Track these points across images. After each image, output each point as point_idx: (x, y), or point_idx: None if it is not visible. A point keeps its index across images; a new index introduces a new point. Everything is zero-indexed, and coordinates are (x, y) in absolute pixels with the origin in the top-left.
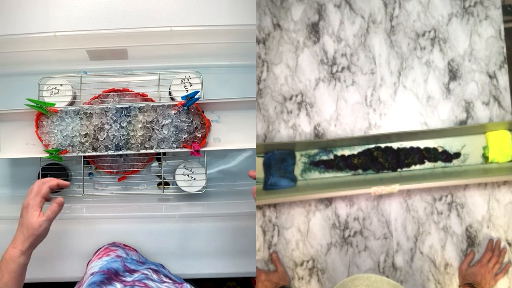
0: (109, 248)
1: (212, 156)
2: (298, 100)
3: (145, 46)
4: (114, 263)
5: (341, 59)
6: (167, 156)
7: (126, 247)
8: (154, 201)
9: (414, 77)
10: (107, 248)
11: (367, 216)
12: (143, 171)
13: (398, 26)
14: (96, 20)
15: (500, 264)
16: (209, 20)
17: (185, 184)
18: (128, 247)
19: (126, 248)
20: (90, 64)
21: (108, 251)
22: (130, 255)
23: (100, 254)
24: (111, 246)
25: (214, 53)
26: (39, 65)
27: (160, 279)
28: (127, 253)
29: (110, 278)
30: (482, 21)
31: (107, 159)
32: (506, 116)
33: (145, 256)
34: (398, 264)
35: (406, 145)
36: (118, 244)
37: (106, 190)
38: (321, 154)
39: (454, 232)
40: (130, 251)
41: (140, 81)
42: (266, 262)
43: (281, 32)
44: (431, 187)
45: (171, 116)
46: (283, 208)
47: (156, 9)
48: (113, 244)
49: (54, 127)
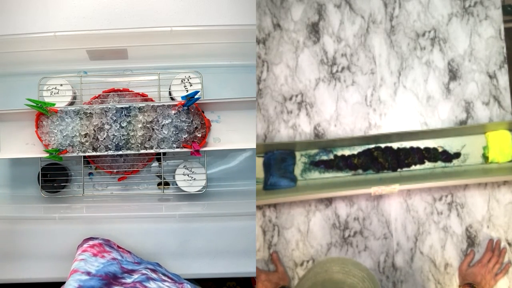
0: (104, 248)
1: (212, 156)
2: (298, 100)
3: (145, 46)
4: (111, 266)
5: (341, 59)
6: (167, 156)
7: (120, 249)
8: (154, 201)
9: (414, 77)
10: (101, 245)
11: (367, 216)
12: (143, 171)
13: (398, 26)
14: (96, 20)
15: (500, 264)
16: (209, 20)
17: (185, 184)
18: (122, 249)
19: (120, 250)
20: (90, 64)
21: (103, 251)
22: (125, 257)
23: (95, 250)
24: (106, 246)
25: (214, 53)
26: (39, 65)
27: (159, 278)
28: (121, 255)
29: (109, 283)
30: (482, 21)
31: (107, 159)
32: (506, 116)
33: (144, 256)
34: (398, 264)
35: (406, 145)
36: (112, 245)
37: (106, 190)
38: (321, 154)
39: (454, 232)
40: (124, 253)
41: (140, 81)
42: (266, 262)
43: (281, 32)
44: (431, 187)
45: (171, 116)
46: (283, 208)
47: (156, 9)
48: (108, 243)
49: (54, 127)
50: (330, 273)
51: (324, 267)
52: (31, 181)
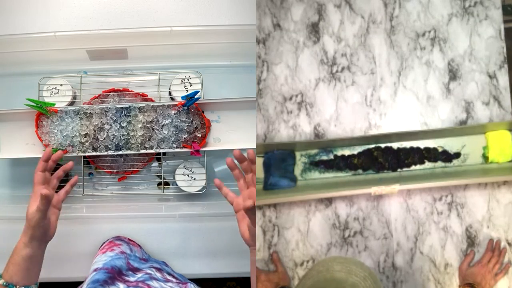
0: (114, 242)
1: (212, 156)
2: (298, 100)
3: (145, 46)
4: (118, 260)
5: (341, 59)
6: (167, 156)
7: (130, 242)
8: (154, 201)
9: (414, 77)
10: (111, 242)
11: (367, 216)
12: (143, 171)
13: (398, 26)
14: (96, 20)
15: (500, 264)
16: (209, 20)
17: (185, 184)
18: (133, 242)
19: (130, 244)
20: (90, 64)
21: (113, 245)
22: (134, 252)
23: (104, 249)
24: (116, 240)
25: (214, 53)
26: (39, 65)
27: (164, 278)
28: (131, 249)
29: (113, 278)
30: (482, 21)
31: (107, 159)
32: (506, 116)
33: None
34: (398, 264)
35: (406, 145)
36: (123, 238)
37: (106, 190)
38: (321, 154)
39: (454, 232)
40: (135, 246)
41: (140, 81)
42: (266, 262)
43: (281, 32)
44: (431, 187)
45: (171, 116)
46: (283, 208)
47: (156, 9)
48: (118, 238)
49: (54, 127)
50: (332, 272)
51: (325, 266)
52: (31, 181)
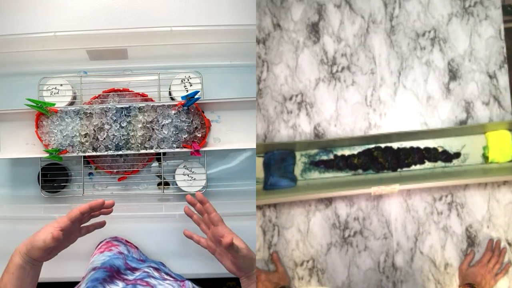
0: (111, 242)
1: (212, 156)
2: (298, 100)
3: (145, 46)
4: (117, 260)
5: (341, 59)
6: (167, 156)
7: (128, 243)
8: (154, 201)
9: (414, 77)
10: (109, 242)
11: (367, 216)
12: (143, 171)
13: (398, 26)
14: (96, 20)
15: (500, 264)
16: (209, 20)
17: (185, 184)
18: (130, 244)
19: (128, 245)
20: (90, 64)
21: (110, 245)
22: (131, 253)
23: (102, 248)
24: (113, 241)
25: (214, 53)
26: (39, 65)
27: (161, 277)
28: (128, 250)
29: (112, 276)
30: (482, 21)
31: (107, 159)
32: (506, 116)
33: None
34: (398, 264)
35: (406, 145)
36: (120, 239)
37: (106, 190)
38: (321, 154)
39: (454, 232)
40: (132, 248)
41: (140, 81)
42: (266, 262)
43: (281, 32)
44: (431, 187)
45: (171, 116)
46: (283, 208)
47: (156, 9)
48: (115, 238)
49: (54, 127)
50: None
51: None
52: (31, 181)
